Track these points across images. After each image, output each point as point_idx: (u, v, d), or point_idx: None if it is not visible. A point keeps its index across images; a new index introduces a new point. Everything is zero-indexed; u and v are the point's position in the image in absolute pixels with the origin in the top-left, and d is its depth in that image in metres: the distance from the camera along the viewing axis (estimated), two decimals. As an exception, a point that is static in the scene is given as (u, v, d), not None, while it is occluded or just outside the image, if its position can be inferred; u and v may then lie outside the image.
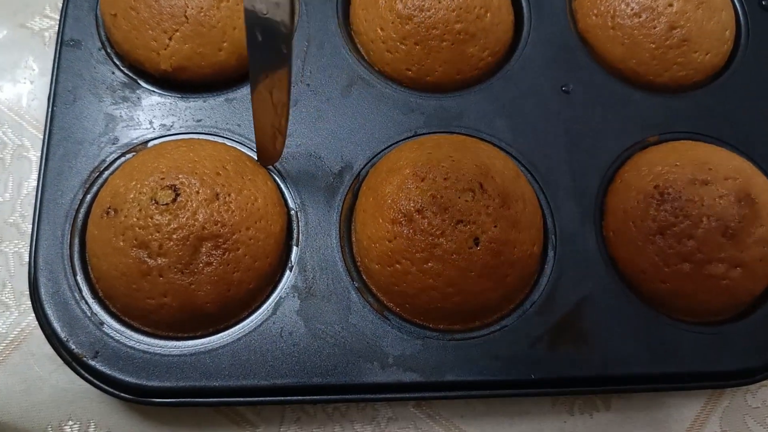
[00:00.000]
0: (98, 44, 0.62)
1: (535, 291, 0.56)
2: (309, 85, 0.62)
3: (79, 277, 0.53)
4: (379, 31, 0.63)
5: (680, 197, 0.56)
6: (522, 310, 0.55)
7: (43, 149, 0.57)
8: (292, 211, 0.57)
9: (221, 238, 0.51)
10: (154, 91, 0.61)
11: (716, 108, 0.65)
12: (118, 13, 0.60)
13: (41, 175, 0.56)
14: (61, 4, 0.63)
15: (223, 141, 0.59)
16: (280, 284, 0.55)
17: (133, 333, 0.52)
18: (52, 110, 0.59)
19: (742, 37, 0.68)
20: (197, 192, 0.52)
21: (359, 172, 0.59)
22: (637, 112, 0.63)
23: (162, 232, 0.50)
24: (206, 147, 0.56)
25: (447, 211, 0.53)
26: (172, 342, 0.52)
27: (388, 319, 0.54)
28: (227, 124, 0.60)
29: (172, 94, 0.61)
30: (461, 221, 0.52)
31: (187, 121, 0.60)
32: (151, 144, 0.58)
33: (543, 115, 0.62)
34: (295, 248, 0.56)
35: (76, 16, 0.63)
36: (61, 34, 0.62)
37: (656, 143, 0.62)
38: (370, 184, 0.57)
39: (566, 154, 0.61)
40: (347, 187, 0.58)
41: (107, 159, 0.58)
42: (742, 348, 0.56)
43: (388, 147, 0.60)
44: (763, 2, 0.70)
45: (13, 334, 0.60)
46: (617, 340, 0.55)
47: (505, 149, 0.61)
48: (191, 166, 0.53)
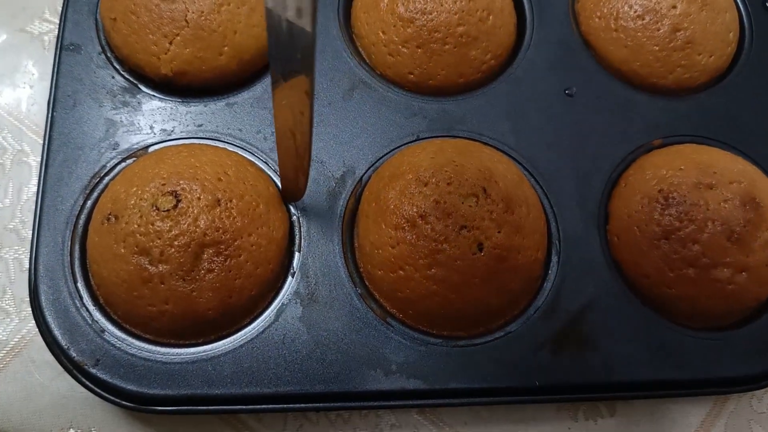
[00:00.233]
0: (98, 48, 0.62)
1: (539, 296, 0.56)
2: (310, 89, 0.61)
3: (80, 284, 0.53)
4: (381, 34, 0.63)
5: (685, 201, 0.55)
6: (526, 316, 0.55)
7: (43, 154, 0.57)
8: (294, 217, 0.57)
9: (223, 245, 0.51)
10: (154, 96, 0.60)
11: (720, 110, 0.64)
12: (118, 17, 0.60)
13: (41, 181, 0.56)
14: (61, 8, 0.63)
15: (224, 146, 0.58)
16: (282, 291, 0.54)
17: (135, 340, 0.52)
18: (52, 115, 0.58)
19: (746, 39, 0.68)
20: (198, 198, 0.52)
21: (361, 177, 0.58)
22: (640, 115, 0.63)
23: (163, 238, 0.50)
24: (207, 152, 0.56)
25: (450, 217, 0.52)
26: (174, 349, 0.52)
27: (391, 326, 0.54)
28: (228, 128, 0.59)
29: (173, 99, 0.60)
30: (465, 227, 0.52)
31: (188, 125, 0.59)
32: (151, 149, 0.58)
33: (546, 119, 0.62)
34: (297, 254, 0.55)
35: (75, 20, 0.62)
36: (60, 38, 0.61)
37: (660, 146, 0.62)
38: (373, 189, 0.57)
39: (570, 158, 0.61)
40: (349, 192, 0.58)
41: (108, 164, 0.57)
42: (748, 353, 0.55)
43: (390, 151, 0.60)
44: (766, 4, 0.70)
45: (14, 341, 0.59)
46: (622, 346, 0.55)
47: (509, 153, 0.60)
48: (192, 172, 0.53)
